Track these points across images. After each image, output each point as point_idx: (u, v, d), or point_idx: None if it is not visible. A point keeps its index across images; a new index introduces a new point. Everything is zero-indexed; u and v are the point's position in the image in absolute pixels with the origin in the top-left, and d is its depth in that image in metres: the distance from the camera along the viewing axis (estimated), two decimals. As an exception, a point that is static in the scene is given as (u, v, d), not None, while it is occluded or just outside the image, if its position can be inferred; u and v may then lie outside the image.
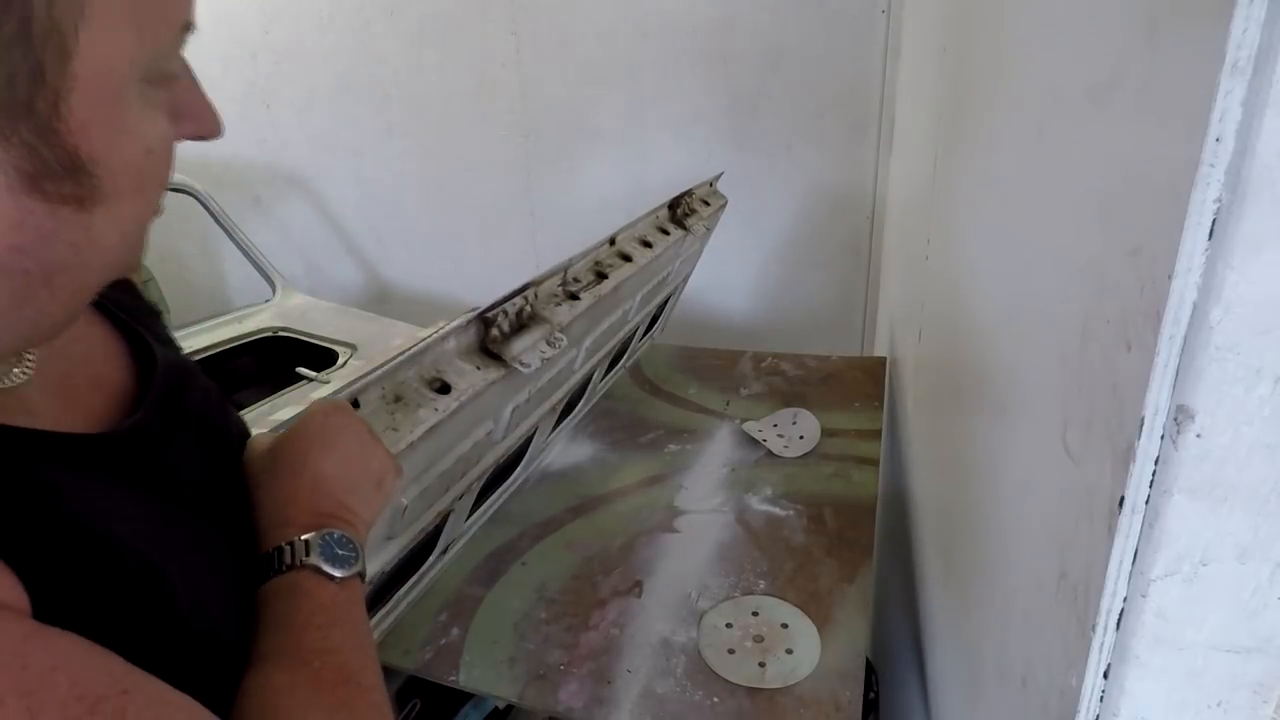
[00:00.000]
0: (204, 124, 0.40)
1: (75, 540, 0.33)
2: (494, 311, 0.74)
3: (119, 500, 0.38)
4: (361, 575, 0.47)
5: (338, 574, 0.45)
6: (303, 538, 0.45)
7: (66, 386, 0.42)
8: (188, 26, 0.35)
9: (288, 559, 0.44)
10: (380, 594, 0.83)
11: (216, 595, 0.42)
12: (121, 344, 0.47)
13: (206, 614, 0.40)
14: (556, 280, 0.89)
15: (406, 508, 0.69)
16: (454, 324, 0.70)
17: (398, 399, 0.63)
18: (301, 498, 0.47)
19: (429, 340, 0.66)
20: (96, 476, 0.37)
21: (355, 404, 0.59)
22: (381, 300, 2.81)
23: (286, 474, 0.48)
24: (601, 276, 0.97)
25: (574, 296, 0.90)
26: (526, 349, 0.76)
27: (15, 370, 0.38)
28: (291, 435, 0.50)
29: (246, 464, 0.50)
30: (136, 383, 0.46)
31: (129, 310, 0.50)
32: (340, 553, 0.45)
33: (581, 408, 1.30)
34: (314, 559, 0.44)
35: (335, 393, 0.59)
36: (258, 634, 0.42)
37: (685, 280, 1.56)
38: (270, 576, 0.44)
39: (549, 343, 0.80)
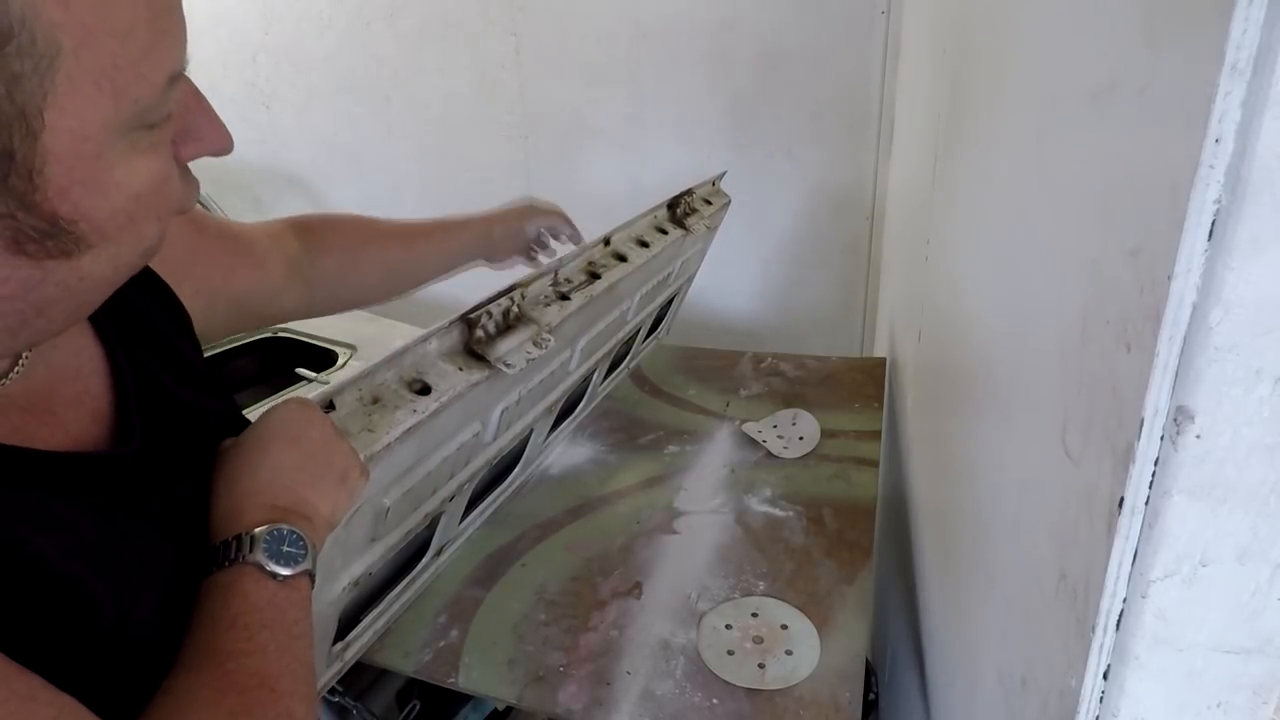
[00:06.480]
0: (211, 142, 0.39)
1: None
2: (477, 313, 0.74)
3: (58, 517, 0.38)
4: (310, 575, 0.46)
5: (282, 572, 0.44)
6: (249, 533, 0.44)
7: (45, 400, 0.42)
8: (175, 78, 0.35)
9: (231, 554, 0.44)
10: (372, 596, 0.83)
11: (162, 614, 0.42)
12: (104, 361, 0.46)
13: (138, 630, 0.40)
14: (547, 281, 0.89)
15: (389, 509, 0.69)
16: (435, 326, 0.69)
17: (375, 401, 0.62)
18: (258, 492, 0.47)
19: (409, 343, 0.66)
20: (38, 492, 0.37)
21: (331, 406, 0.58)
22: (381, 301, 2.80)
23: (245, 468, 0.48)
24: (594, 277, 0.96)
25: (564, 297, 0.89)
26: (512, 350, 0.75)
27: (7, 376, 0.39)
28: (254, 430, 0.50)
29: (215, 464, 0.50)
30: (115, 401, 0.46)
31: (124, 323, 0.49)
32: (287, 549, 0.44)
33: (582, 409, 1.30)
34: (257, 555, 0.43)
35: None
36: (186, 632, 0.42)
37: (690, 280, 1.55)
38: (212, 571, 0.44)
39: (536, 343, 0.79)
